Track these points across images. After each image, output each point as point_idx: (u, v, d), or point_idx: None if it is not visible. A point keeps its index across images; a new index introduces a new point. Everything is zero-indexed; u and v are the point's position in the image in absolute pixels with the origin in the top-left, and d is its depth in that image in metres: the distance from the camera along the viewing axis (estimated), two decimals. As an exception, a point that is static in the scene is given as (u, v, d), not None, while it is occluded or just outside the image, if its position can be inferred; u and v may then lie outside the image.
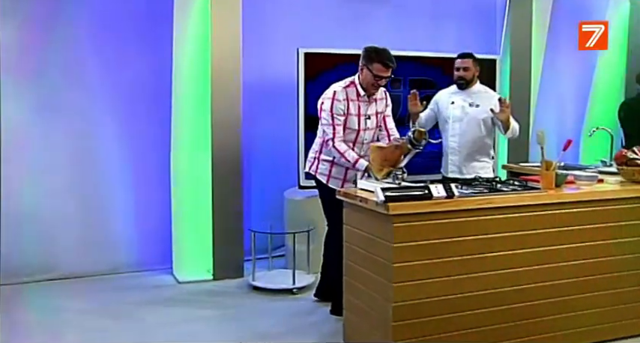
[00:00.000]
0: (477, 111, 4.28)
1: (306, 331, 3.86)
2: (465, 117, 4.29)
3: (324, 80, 4.88)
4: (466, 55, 4.33)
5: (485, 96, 4.35)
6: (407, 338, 3.12)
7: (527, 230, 3.36)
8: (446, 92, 4.46)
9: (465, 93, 4.34)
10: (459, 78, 4.31)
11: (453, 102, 4.34)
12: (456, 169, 4.33)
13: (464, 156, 4.31)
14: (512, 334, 3.39)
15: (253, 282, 4.65)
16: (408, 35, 5.76)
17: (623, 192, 3.66)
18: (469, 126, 4.28)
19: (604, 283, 3.62)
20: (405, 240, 3.06)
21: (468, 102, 4.30)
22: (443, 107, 4.39)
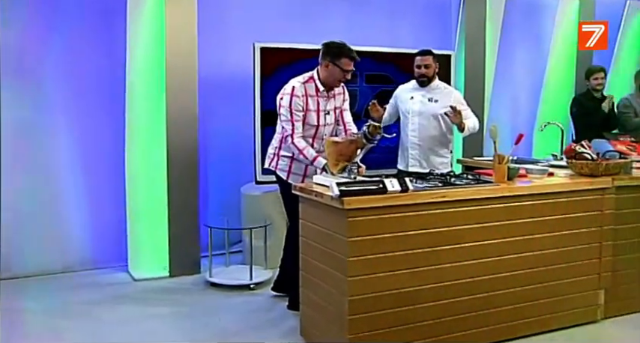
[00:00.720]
0: (435, 107, 4.34)
1: (263, 326, 3.85)
2: (424, 112, 4.35)
3: (281, 75, 4.88)
4: (426, 52, 4.38)
5: (445, 91, 4.42)
6: (363, 331, 3.14)
7: (481, 223, 3.42)
8: (405, 87, 4.51)
9: (424, 89, 4.39)
10: (420, 75, 4.36)
11: (412, 97, 4.40)
12: (416, 163, 4.39)
13: (424, 150, 4.37)
14: (468, 325, 3.45)
15: (210, 279, 4.62)
16: (365, 30, 5.78)
17: (572, 184, 3.75)
18: (429, 121, 4.35)
19: (555, 273, 3.71)
20: (360, 234, 3.07)
21: (427, 98, 4.36)
22: (402, 102, 4.45)
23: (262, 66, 4.90)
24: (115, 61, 4.89)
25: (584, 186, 3.77)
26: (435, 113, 4.33)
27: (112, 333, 3.75)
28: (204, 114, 5.04)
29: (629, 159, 4.04)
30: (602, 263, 3.87)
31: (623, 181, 3.89)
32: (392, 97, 4.57)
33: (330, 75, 3.84)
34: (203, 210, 5.11)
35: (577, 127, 6.13)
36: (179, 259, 4.87)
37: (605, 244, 3.86)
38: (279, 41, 5.05)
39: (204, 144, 5.21)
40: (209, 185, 5.44)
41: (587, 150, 4.01)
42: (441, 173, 3.71)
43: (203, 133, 5.07)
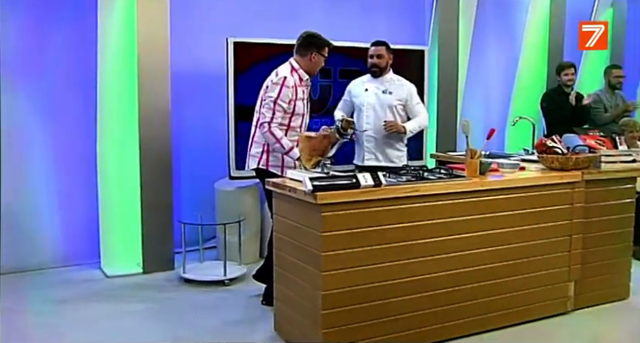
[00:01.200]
0: (390, 98, 4.34)
1: (237, 322, 3.85)
2: (379, 103, 4.33)
3: (255, 70, 4.87)
4: (379, 42, 4.39)
5: (399, 84, 4.41)
6: (336, 325, 3.15)
7: (453, 217, 3.45)
8: (359, 81, 4.49)
9: (378, 81, 4.39)
10: (372, 65, 4.36)
11: (367, 89, 4.38)
12: (372, 157, 4.36)
13: (380, 143, 4.35)
14: (441, 318, 3.48)
15: (184, 275, 4.59)
16: (339, 26, 5.77)
17: (543, 178, 3.80)
18: (383, 113, 4.33)
19: (527, 266, 3.76)
20: (334, 229, 3.08)
21: (381, 90, 4.36)
22: (356, 95, 4.41)
23: (236, 61, 4.87)
24: (86, 57, 4.83)
25: (555, 180, 3.82)
26: (390, 104, 4.33)
27: (85, 331, 3.71)
28: (177, 109, 5.00)
29: (598, 153, 4.09)
30: (572, 256, 3.93)
31: (593, 175, 3.95)
32: (345, 94, 4.53)
33: (316, 64, 3.99)
34: (177, 205, 5.08)
35: (548, 122, 6.21)
36: (152, 255, 4.84)
37: (575, 237, 3.92)
38: (253, 36, 5.03)
39: (178, 140, 5.17)
40: (182, 181, 5.40)
41: (558, 144, 4.06)
42: (414, 167, 3.72)
43: (176, 129, 5.03)
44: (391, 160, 4.32)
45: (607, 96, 6.24)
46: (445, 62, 6.16)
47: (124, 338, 3.63)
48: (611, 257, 4.14)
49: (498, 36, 6.97)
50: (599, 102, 6.19)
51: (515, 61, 7.03)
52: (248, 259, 5.00)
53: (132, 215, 4.82)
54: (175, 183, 5.09)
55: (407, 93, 4.38)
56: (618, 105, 6.24)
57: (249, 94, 4.92)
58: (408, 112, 4.41)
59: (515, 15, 7.06)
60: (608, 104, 6.21)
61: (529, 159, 4.37)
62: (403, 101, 4.37)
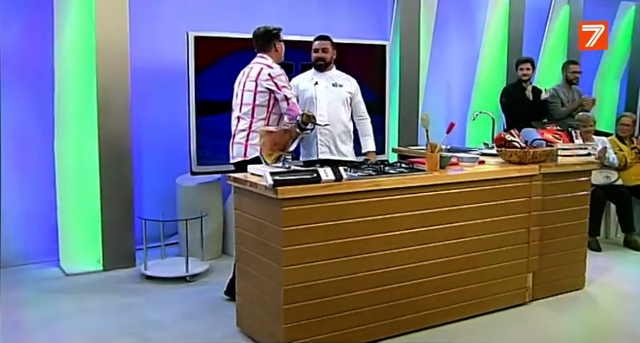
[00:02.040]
0: (341, 91, 4.35)
1: (199, 318, 3.82)
2: (331, 97, 4.33)
3: (216, 65, 4.83)
4: (324, 37, 4.40)
5: (345, 78, 4.43)
6: (298, 320, 3.15)
7: (413, 210, 3.48)
8: (305, 76, 4.46)
9: (325, 75, 4.38)
10: (318, 59, 4.36)
11: (317, 83, 4.35)
12: (326, 150, 4.33)
13: (333, 135, 4.33)
14: (403, 311, 3.51)
15: (145, 271, 4.54)
16: (301, 20, 5.77)
17: (502, 172, 3.85)
18: (336, 106, 4.33)
19: (486, 258, 3.82)
20: (295, 224, 3.08)
21: (331, 83, 4.36)
22: (305, 89, 4.37)
23: (197, 55, 4.82)
24: (42, 50, 4.73)
25: (513, 173, 3.89)
26: (342, 97, 4.35)
27: (45, 331, 3.65)
28: (137, 104, 4.94)
29: (555, 147, 4.18)
30: (530, 248, 4.01)
31: (550, 168, 4.03)
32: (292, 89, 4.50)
33: (281, 52, 4.09)
34: (137, 201, 5.01)
35: (507, 117, 6.31)
36: (113, 252, 4.77)
37: (532, 229, 4.00)
38: (214, 30, 4.98)
39: (138, 135, 5.11)
40: (144, 176, 5.34)
41: (516, 138, 4.13)
42: (375, 162, 3.74)
43: (136, 124, 4.97)
44: (343, 154, 4.31)
45: (564, 91, 6.36)
46: (407, 57, 6.20)
47: (85, 337, 3.57)
48: (567, 249, 4.24)
49: (459, 31, 7.05)
50: (556, 97, 6.31)
51: (476, 56, 7.11)
52: (210, 255, 4.98)
53: (91, 211, 4.75)
54: (136, 179, 5.03)
55: (354, 87, 4.41)
56: (575, 99, 6.36)
57: (210, 89, 4.91)
58: (352, 107, 4.43)
59: (476, 10, 7.15)
60: (565, 99, 6.33)
61: (489, 153, 4.44)
62: (352, 94, 4.39)
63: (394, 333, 3.49)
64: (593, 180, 5.05)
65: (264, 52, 4.04)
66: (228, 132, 4.54)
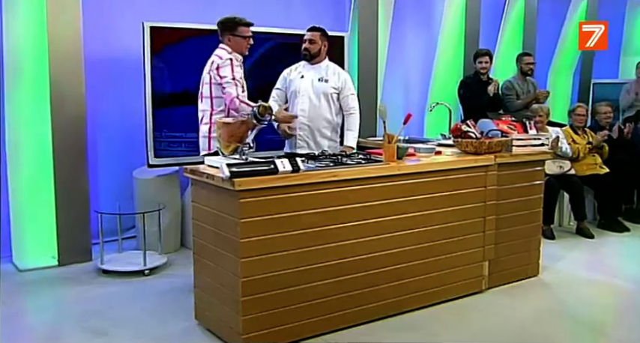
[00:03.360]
0: (325, 86, 4.35)
1: (157, 312, 3.79)
2: (313, 91, 4.34)
3: (172, 55, 4.77)
4: (315, 28, 4.40)
5: (335, 72, 4.43)
6: (257, 312, 3.15)
7: (371, 201, 3.50)
8: (295, 67, 4.47)
9: (314, 68, 4.39)
10: (304, 49, 4.37)
11: (303, 76, 4.37)
12: (304, 145, 4.36)
13: (313, 131, 4.37)
14: (362, 301, 3.54)
15: (102, 266, 4.47)
16: (259, 11, 5.70)
17: (458, 162, 3.91)
18: (319, 101, 4.35)
19: (443, 247, 3.87)
20: (252, 215, 3.07)
21: (318, 77, 4.36)
22: (293, 81, 4.39)
23: (152, 46, 4.75)
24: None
25: (469, 163, 3.94)
26: (325, 92, 4.35)
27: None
28: (92, 95, 4.85)
29: (510, 137, 4.25)
30: (485, 237, 4.07)
31: (504, 158, 4.10)
32: (279, 81, 4.48)
33: (237, 45, 4.02)
34: (93, 195, 4.92)
35: (464, 109, 6.39)
36: (68, 247, 4.68)
37: (488, 218, 4.06)
38: (170, 20, 4.91)
39: (93, 127, 5.02)
40: (100, 169, 5.25)
41: (472, 129, 4.19)
42: (333, 153, 3.75)
43: (91, 116, 4.88)
44: (322, 148, 4.30)
45: (519, 83, 6.48)
46: (365, 48, 6.21)
47: (40, 334, 3.50)
48: (522, 237, 4.32)
49: (417, 23, 7.09)
50: (511, 89, 6.42)
51: (434, 48, 7.17)
52: (168, 248, 4.93)
53: (45, 205, 4.64)
54: (92, 172, 4.94)
55: (342, 81, 4.40)
56: (530, 91, 6.48)
57: (166, 80, 4.84)
58: (340, 101, 4.43)
59: (433, 2, 7.20)
60: (520, 90, 6.44)
61: (445, 144, 4.49)
62: (338, 89, 4.38)
63: (353, 323, 3.51)
64: (547, 170, 5.16)
65: (222, 42, 4.04)
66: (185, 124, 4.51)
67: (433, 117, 6.67)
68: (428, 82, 7.17)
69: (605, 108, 6.39)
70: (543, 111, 5.77)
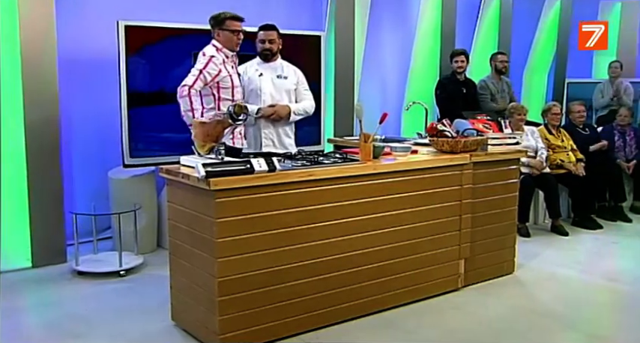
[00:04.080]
0: (286, 83, 4.33)
1: (133, 313, 3.76)
2: (275, 89, 4.31)
3: (148, 55, 4.73)
4: (270, 26, 4.35)
5: (290, 68, 4.42)
6: (233, 312, 3.14)
7: (347, 200, 3.50)
8: (250, 65, 4.40)
9: (270, 66, 4.35)
10: (264, 49, 4.31)
11: (262, 74, 4.33)
12: (270, 143, 4.30)
13: (277, 128, 4.33)
14: (339, 300, 3.54)
15: (77, 267, 4.43)
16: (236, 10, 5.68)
17: (434, 161, 3.93)
18: (281, 98, 4.31)
19: (420, 246, 3.89)
20: (228, 215, 3.06)
21: (276, 75, 4.34)
22: (251, 79, 4.33)
23: (128, 45, 4.71)
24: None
25: (445, 162, 3.97)
26: (287, 89, 4.33)
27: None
28: (67, 95, 4.80)
29: (485, 136, 4.28)
30: (461, 235, 4.11)
31: (480, 157, 4.13)
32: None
33: (226, 40, 4.00)
34: (68, 196, 4.87)
35: (440, 109, 6.42)
36: (43, 248, 4.62)
37: (464, 217, 4.10)
38: (146, 19, 4.87)
39: (68, 127, 4.97)
40: (74, 170, 5.19)
41: (448, 128, 4.22)
42: (309, 152, 3.74)
43: (66, 115, 4.83)
44: (285, 147, 4.30)
45: (494, 82, 6.54)
46: (342, 48, 6.22)
47: (13, 336, 3.45)
48: (497, 235, 4.36)
49: (393, 22, 7.12)
50: (486, 88, 6.48)
51: (410, 47, 7.20)
52: (145, 249, 4.89)
53: (19, 206, 4.58)
54: (67, 173, 4.89)
55: (298, 77, 4.40)
56: (504, 90, 6.54)
57: (142, 80, 4.81)
58: (297, 97, 4.43)
59: (410, 1, 7.23)
60: (494, 89, 6.50)
61: (422, 143, 4.51)
62: (296, 85, 4.39)
63: (331, 322, 3.52)
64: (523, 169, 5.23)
65: (213, 38, 4.03)
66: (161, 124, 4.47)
67: (410, 117, 6.71)
68: (405, 81, 7.20)
69: (579, 107, 6.49)
70: (523, 110, 5.82)
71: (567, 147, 6.12)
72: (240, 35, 4.03)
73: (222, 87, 3.95)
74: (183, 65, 4.84)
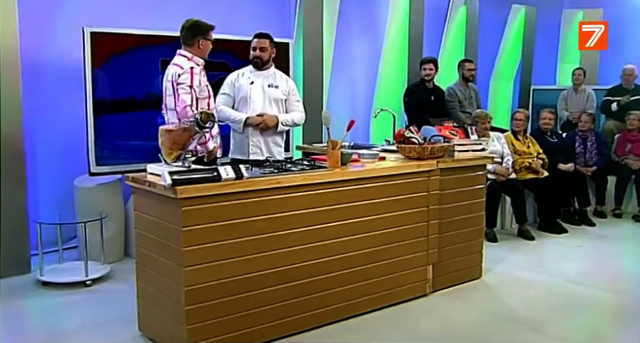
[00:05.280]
0: (277, 92, 4.36)
1: (99, 323, 3.70)
2: (266, 97, 4.34)
3: (114, 62, 4.69)
4: (263, 35, 4.38)
5: (282, 78, 4.46)
6: (201, 321, 3.12)
7: (316, 207, 3.51)
8: (243, 73, 4.43)
9: (262, 74, 4.38)
10: (255, 57, 4.35)
11: (253, 82, 4.35)
12: (257, 151, 4.34)
13: (266, 136, 4.35)
14: (308, 307, 3.54)
15: (41, 277, 4.35)
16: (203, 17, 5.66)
17: (401, 168, 3.96)
18: (271, 107, 4.35)
19: (388, 252, 3.91)
20: (195, 223, 3.04)
21: (267, 83, 4.36)
22: (242, 87, 4.36)
23: (93, 51, 4.66)
24: None
25: (412, 168, 3.99)
26: (276, 98, 4.36)
27: None
28: (31, 102, 4.72)
29: (452, 143, 4.33)
30: (429, 241, 4.14)
31: (447, 163, 4.18)
32: (226, 86, 4.43)
33: (205, 49, 4.03)
34: (33, 205, 4.79)
35: (409, 116, 6.47)
36: (6, 258, 4.52)
37: (431, 223, 4.13)
38: (112, 26, 4.83)
39: (32, 135, 4.88)
40: (39, 178, 5.10)
41: (415, 135, 4.26)
42: (277, 159, 3.75)
43: (30, 123, 4.74)
44: (274, 156, 4.32)
45: (461, 89, 6.62)
46: (310, 55, 6.24)
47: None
48: (465, 240, 4.41)
49: (362, 29, 7.17)
50: (454, 96, 6.55)
51: (378, 55, 7.26)
52: (112, 258, 4.83)
53: (-19, 216, 4.49)
54: (31, 181, 4.80)
55: (290, 87, 4.42)
56: (472, 97, 6.63)
57: (108, 87, 4.76)
58: (287, 107, 4.44)
59: (377, 10, 7.29)
60: (462, 96, 6.58)
61: (389, 150, 4.54)
62: (287, 95, 4.39)
63: (301, 329, 3.52)
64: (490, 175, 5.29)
65: (186, 46, 3.98)
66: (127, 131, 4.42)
67: (379, 123, 6.74)
68: (373, 88, 7.25)
69: (546, 114, 6.59)
70: (487, 117, 5.90)
71: (533, 153, 6.21)
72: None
73: (200, 97, 3.94)
74: (150, 72, 4.83)
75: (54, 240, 4.66)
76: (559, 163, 6.39)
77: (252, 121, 4.26)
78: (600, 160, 6.79)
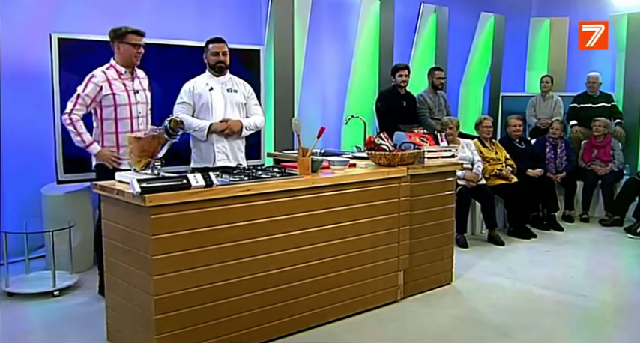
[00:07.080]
0: (237, 96, 4.37)
1: (67, 334, 3.65)
2: (227, 102, 4.33)
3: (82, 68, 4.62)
4: (221, 39, 4.37)
5: (240, 82, 4.46)
6: (171, 330, 3.08)
7: (286, 214, 3.50)
8: (200, 79, 4.39)
9: (219, 80, 4.36)
10: (219, 62, 4.32)
11: (212, 88, 4.33)
12: (224, 157, 4.33)
13: (231, 142, 4.34)
14: (279, 314, 3.53)
15: (7, 288, 4.26)
16: (174, 24, 5.66)
17: (371, 174, 3.97)
18: (233, 111, 4.34)
19: (359, 259, 3.92)
20: (164, 232, 3.01)
21: (227, 88, 4.35)
22: (201, 94, 4.31)
23: (61, 58, 4.60)
24: None
25: (382, 175, 4.01)
26: (237, 102, 4.36)
27: None
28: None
29: (422, 149, 4.36)
30: (400, 247, 4.16)
31: (417, 170, 4.20)
32: (184, 95, 4.33)
33: (125, 54, 4.04)
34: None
35: (380, 122, 6.51)
36: (-30, 269, 4.44)
37: (402, 229, 4.15)
38: (81, 32, 4.77)
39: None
40: (4, 187, 5.00)
41: (386, 141, 4.27)
42: (247, 167, 3.74)
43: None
44: (238, 161, 4.33)
45: (431, 97, 6.68)
46: (281, 62, 6.24)
47: None
48: (435, 246, 4.44)
49: (332, 37, 7.19)
50: (424, 103, 6.61)
51: (349, 62, 7.28)
52: (80, 267, 4.75)
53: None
54: (-4, 189, 4.72)
55: (248, 91, 4.42)
56: (441, 104, 6.69)
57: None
58: (247, 111, 4.44)
59: (348, 17, 7.32)
60: (431, 103, 6.64)
61: (360, 156, 4.55)
62: (246, 100, 4.39)
63: (272, 337, 3.51)
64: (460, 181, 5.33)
65: (114, 54, 4.08)
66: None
67: (350, 130, 6.77)
68: (344, 95, 7.27)
69: (515, 121, 6.68)
70: (453, 123, 5.97)
71: (501, 159, 6.28)
72: (140, 49, 4.07)
73: (105, 105, 4.00)
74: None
75: (20, 249, 4.57)
76: (527, 169, 6.48)
77: (217, 127, 4.24)
78: (568, 166, 6.90)
